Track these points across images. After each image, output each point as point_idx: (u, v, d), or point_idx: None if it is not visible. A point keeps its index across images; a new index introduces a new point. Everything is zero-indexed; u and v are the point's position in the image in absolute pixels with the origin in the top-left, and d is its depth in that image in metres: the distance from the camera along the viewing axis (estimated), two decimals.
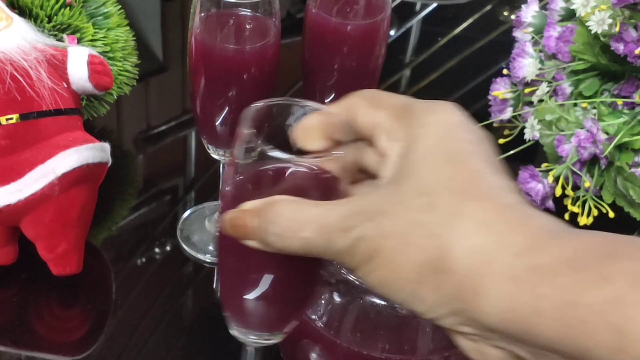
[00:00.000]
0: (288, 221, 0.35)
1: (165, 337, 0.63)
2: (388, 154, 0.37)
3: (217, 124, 0.63)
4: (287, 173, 0.39)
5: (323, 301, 0.51)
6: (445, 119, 0.36)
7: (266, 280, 0.41)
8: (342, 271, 0.50)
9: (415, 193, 0.33)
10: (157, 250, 0.71)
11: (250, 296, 0.42)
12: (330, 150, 0.38)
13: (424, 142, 0.35)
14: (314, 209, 0.35)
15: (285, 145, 0.40)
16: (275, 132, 0.42)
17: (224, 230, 0.37)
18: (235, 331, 0.45)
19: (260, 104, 0.40)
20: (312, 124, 0.39)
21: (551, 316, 0.29)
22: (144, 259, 0.70)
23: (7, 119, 0.60)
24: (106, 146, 0.65)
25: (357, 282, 0.50)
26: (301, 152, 0.39)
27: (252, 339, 0.45)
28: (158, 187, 0.79)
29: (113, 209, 0.75)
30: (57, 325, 0.64)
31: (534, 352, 0.31)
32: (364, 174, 0.41)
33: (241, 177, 0.40)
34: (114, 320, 0.64)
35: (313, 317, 0.51)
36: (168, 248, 0.71)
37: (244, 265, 0.41)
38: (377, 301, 0.49)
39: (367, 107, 0.39)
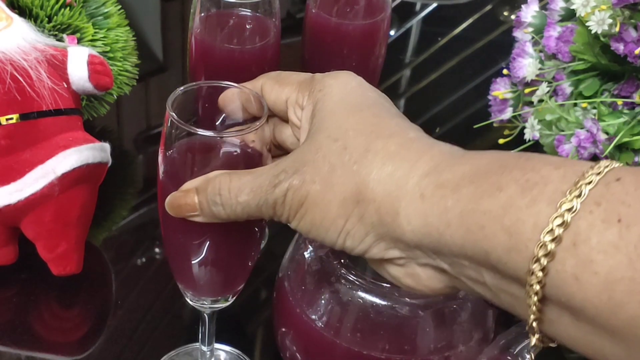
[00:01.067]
0: (227, 191, 0.39)
1: (165, 337, 0.63)
2: (299, 122, 0.42)
3: (217, 123, 0.63)
4: (214, 149, 0.45)
5: (323, 301, 0.51)
6: (344, 80, 0.41)
7: (206, 249, 0.46)
8: (342, 270, 0.50)
9: (329, 141, 0.37)
10: (157, 250, 0.71)
11: (195, 265, 0.48)
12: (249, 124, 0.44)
13: (329, 99, 0.39)
14: (246, 176, 0.39)
15: (210, 124, 0.48)
16: (200, 113, 0.49)
17: (169, 211, 0.42)
18: (189, 299, 0.52)
19: (182, 88, 0.47)
20: (232, 95, 0.45)
21: (456, 224, 0.33)
22: (144, 259, 0.70)
23: (7, 119, 0.60)
24: (106, 146, 0.65)
25: (358, 282, 0.50)
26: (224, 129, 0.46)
27: (205, 305, 0.52)
28: None
29: (113, 209, 0.75)
30: (57, 325, 0.64)
31: (451, 262, 0.34)
32: (282, 150, 0.47)
33: (173, 158, 0.45)
34: (114, 320, 0.64)
35: (313, 317, 0.51)
36: None
37: (185, 238, 0.47)
38: (378, 301, 0.49)
39: (274, 85, 0.44)
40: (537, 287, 0.30)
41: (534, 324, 0.32)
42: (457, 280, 0.36)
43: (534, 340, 0.33)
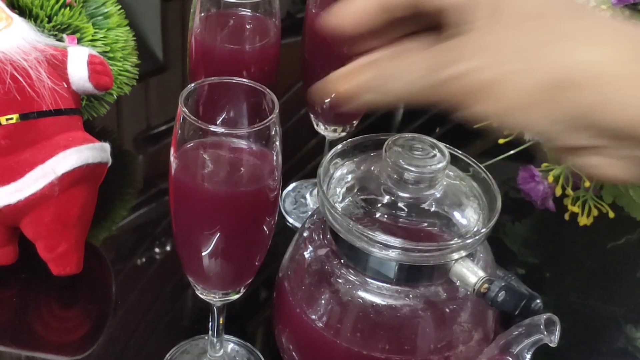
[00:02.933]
0: (408, 63, 0.36)
1: (165, 337, 0.63)
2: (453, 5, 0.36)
3: (217, 122, 0.63)
4: (227, 145, 0.46)
5: (323, 301, 0.51)
6: None
7: (218, 241, 0.48)
8: (342, 270, 0.50)
9: (522, 19, 0.33)
10: (157, 250, 0.71)
11: (207, 258, 0.49)
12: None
13: None
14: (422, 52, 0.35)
15: (222, 120, 0.49)
16: (212, 109, 0.49)
17: (336, 96, 0.39)
18: (199, 292, 0.53)
19: (193, 85, 0.48)
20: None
21: None
22: (144, 259, 0.70)
23: (7, 119, 0.60)
24: (106, 146, 0.65)
25: (358, 282, 0.50)
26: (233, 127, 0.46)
27: (215, 298, 0.53)
28: (158, 187, 0.79)
29: (113, 209, 0.75)
30: (57, 325, 0.64)
31: None
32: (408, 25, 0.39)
33: (186, 154, 0.46)
34: (114, 320, 0.64)
35: (313, 317, 0.51)
36: (168, 248, 0.71)
37: (197, 231, 0.48)
38: (377, 301, 0.49)
39: None
40: None
41: None
42: None
43: None
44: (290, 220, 0.75)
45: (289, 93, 0.90)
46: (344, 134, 0.72)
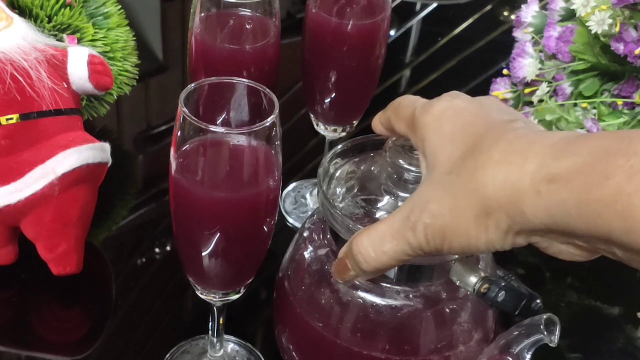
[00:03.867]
0: (369, 246, 0.42)
1: (165, 337, 0.63)
2: (419, 158, 0.45)
3: (217, 122, 0.63)
4: (226, 145, 0.47)
5: (323, 301, 0.51)
6: (439, 113, 0.43)
7: (218, 242, 0.48)
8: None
9: (443, 175, 0.41)
10: (157, 250, 0.71)
11: (207, 258, 0.49)
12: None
13: (432, 138, 0.43)
14: (381, 225, 0.42)
15: (221, 120, 0.50)
16: (212, 109, 0.50)
17: (338, 280, 0.46)
18: (199, 292, 0.53)
19: (193, 85, 0.48)
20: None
21: (575, 214, 0.36)
22: (144, 259, 0.71)
23: (7, 119, 0.60)
24: (106, 146, 0.65)
25: (357, 282, 0.50)
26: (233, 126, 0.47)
27: (215, 298, 0.53)
28: (158, 187, 0.79)
29: (113, 209, 0.75)
30: (57, 325, 0.64)
31: (584, 240, 0.38)
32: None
33: (186, 154, 0.47)
34: (114, 320, 0.64)
35: (313, 317, 0.51)
36: (168, 248, 0.71)
37: (197, 233, 0.49)
38: (378, 301, 0.49)
39: (395, 119, 0.47)
40: None
41: None
42: (596, 252, 0.39)
43: None
44: (290, 220, 0.75)
45: (289, 93, 0.90)
46: (344, 134, 0.72)
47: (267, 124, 0.46)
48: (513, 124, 0.41)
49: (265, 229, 0.50)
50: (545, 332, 0.45)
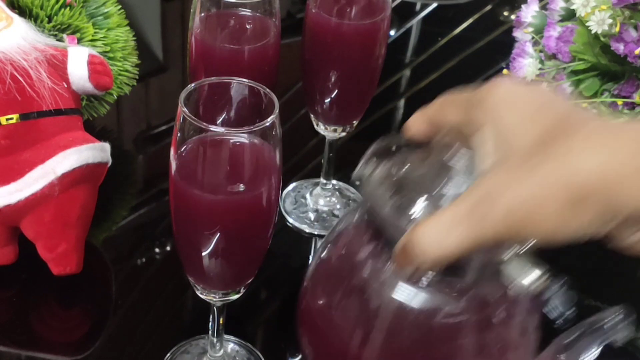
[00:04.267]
0: (431, 237, 0.39)
1: (166, 336, 0.63)
2: (478, 145, 0.42)
3: (217, 122, 0.63)
4: (227, 145, 0.46)
5: (366, 308, 0.46)
6: (504, 95, 0.41)
7: (218, 242, 0.48)
8: (381, 276, 0.46)
9: (523, 159, 0.38)
10: (157, 250, 0.71)
11: (207, 258, 0.49)
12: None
13: (501, 120, 0.40)
14: (444, 215, 0.39)
15: (221, 120, 0.50)
16: (212, 109, 0.50)
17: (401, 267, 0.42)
18: (199, 292, 0.53)
19: (193, 85, 0.48)
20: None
21: None
22: (144, 259, 0.71)
23: (7, 119, 0.60)
24: (106, 146, 0.65)
25: (401, 287, 0.45)
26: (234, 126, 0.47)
27: (215, 297, 0.53)
28: (158, 187, 0.79)
29: (113, 209, 0.75)
30: (57, 325, 0.64)
31: None
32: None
33: (186, 154, 0.46)
34: (114, 320, 0.64)
35: (355, 326, 0.47)
36: (168, 248, 0.71)
37: (197, 232, 0.48)
38: (421, 307, 0.45)
39: (444, 111, 0.44)
40: None
41: None
42: None
43: None
44: (290, 220, 0.75)
45: (289, 93, 0.90)
46: (344, 134, 0.72)
47: (267, 124, 0.46)
48: (587, 111, 0.40)
49: (265, 229, 0.50)
50: (612, 330, 0.43)
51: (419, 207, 0.47)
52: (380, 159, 0.50)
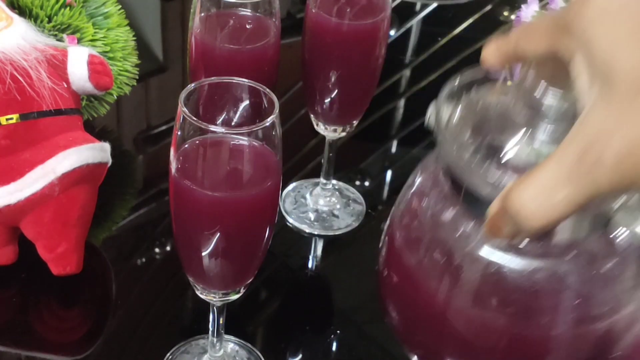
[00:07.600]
0: (534, 200, 0.34)
1: (165, 336, 0.63)
2: (571, 79, 0.35)
3: (217, 122, 0.63)
4: (227, 145, 0.46)
5: (453, 265, 0.42)
6: (602, 5, 0.33)
7: (218, 242, 0.48)
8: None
9: (633, 92, 0.31)
10: (157, 250, 0.71)
11: (207, 258, 0.49)
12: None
13: (601, 39, 0.33)
14: (544, 173, 0.33)
15: (222, 120, 0.50)
16: (212, 109, 0.49)
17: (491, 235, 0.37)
18: (199, 292, 0.53)
19: (193, 85, 0.48)
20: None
21: None
22: (144, 259, 0.71)
23: (7, 119, 0.60)
24: (106, 146, 0.65)
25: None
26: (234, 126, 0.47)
27: (215, 297, 0.53)
28: (158, 187, 0.79)
29: (113, 209, 0.75)
30: (57, 325, 0.64)
31: None
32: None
33: (186, 154, 0.46)
34: (114, 320, 0.64)
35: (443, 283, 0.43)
36: (168, 248, 0.71)
37: (197, 232, 0.48)
38: (521, 263, 0.40)
39: (529, 37, 0.37)
40: None
41: None
42: None
43: None
44: (290, 220, 0.75)
45: (289, 93, 0.90)
46: (344, 134, 0.72)
47: (267, 124, 0.46)
48: None
49: (265, 229, 0.50)
50: None
51: (508, 157, 0.40)
52: (456, 101, 0.44)
